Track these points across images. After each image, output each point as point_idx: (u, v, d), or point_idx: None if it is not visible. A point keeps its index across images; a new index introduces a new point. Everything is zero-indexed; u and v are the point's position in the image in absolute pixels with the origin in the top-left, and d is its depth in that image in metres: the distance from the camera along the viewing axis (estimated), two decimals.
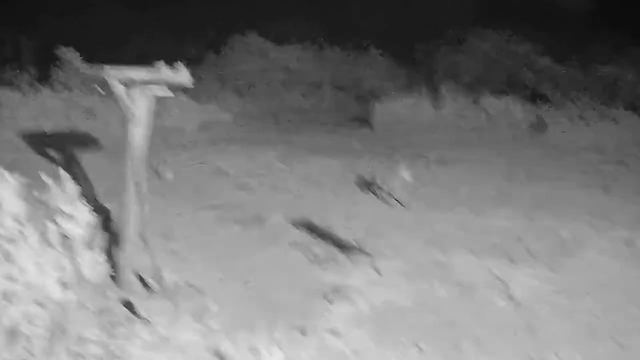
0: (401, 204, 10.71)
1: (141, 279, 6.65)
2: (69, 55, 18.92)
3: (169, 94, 6.74)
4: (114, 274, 6.33)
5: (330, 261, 7.68)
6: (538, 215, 10.33)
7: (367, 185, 11.94)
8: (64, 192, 5.02)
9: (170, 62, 6.53)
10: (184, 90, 12.52)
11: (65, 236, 4.68)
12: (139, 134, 6.38)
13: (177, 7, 29.67)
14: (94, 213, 5.29)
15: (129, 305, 5.81)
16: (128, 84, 6.24)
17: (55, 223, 4.68)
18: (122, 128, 6.50)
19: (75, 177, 7.56)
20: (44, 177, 5.12)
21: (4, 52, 32.29)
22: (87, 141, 14.91)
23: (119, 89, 6.13)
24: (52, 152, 13.26)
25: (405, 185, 10.59)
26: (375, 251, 8.15)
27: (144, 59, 6.65)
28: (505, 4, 29.31)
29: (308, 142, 18.34)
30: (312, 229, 9.18)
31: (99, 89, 8.02)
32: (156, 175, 12.41)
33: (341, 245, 8.32)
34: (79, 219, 4.83)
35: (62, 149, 13.40)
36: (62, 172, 5.42)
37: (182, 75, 6.29)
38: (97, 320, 5.33)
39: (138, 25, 29.32)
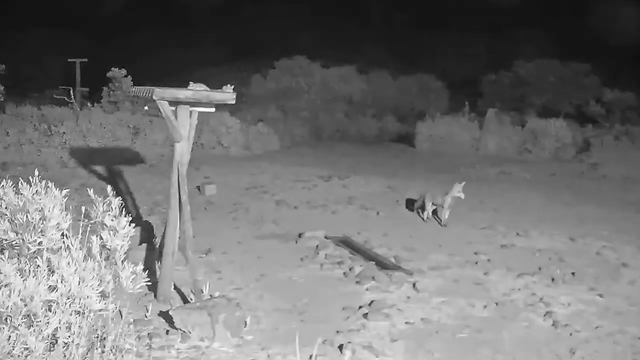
0: (442, 223, 10.67)
1: (179, 292, 6.75)
2: (119, 75, 19.52)
3: (211, 109, 6.91)
4: (153, 286, 6.43)
5: (368, 278, 7.60)
6: (582, 236, 10.12)
7: (409, 204, 11.97)
8: (108, 207, 5.13)
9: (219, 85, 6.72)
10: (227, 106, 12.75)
11: (107, 248, 4.76)
12: (183, 151, 6.50)
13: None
14: (137, 227, 5.38)
15: (166, 316, 5.87)
16: (175, 103, 6.41)
17: (98, 236, 4.76)
18: (168, 146, 6.64)
19: (120, 193, 7.72)
20: (90, 192, 5.26)
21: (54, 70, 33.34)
22: (133, 158, 15.35)
23: (166, 109, 6.25)
24: (99, 168, 13.68)
25: (450, 204, 10.57)
26: (414, 269, 8.06)
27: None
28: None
29: (349, 160, 18.55)
30: (350, 245, 9.18)
31: (145, 107, 8.19)
32: (198, 191, 12.76)
33: (380, 262, 8.27)
34: (121, 232, 4.89)
35: (108, 165, 13.82)
36: (108, 188, 5.56)
37: (227, 94, 6.42)
38: (135, 330, 5.40)
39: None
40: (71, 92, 20.72)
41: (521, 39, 38.23)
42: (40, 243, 4.45)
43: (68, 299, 4.04)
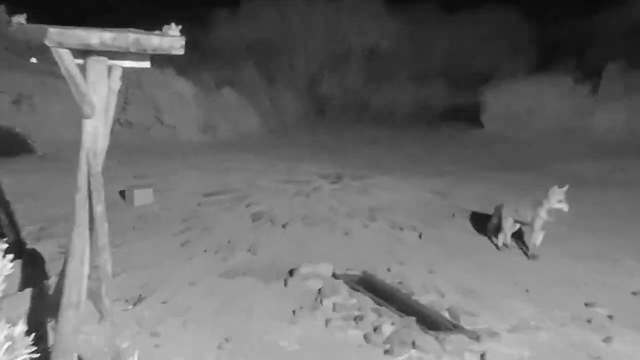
0: (529, 253, 10.66)
1: None
2: None
3: (145, 64, 6.67)
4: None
5: (405, 345, 7.37)
6: None
7: (476, 221, 12.07)
8: None
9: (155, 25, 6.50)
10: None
11: None
12: (97, 133, 6.26)
13: None
14: (16, 260, 5.07)
15: None
16: (83, 53, 6.15)
17: None
18: (72, 125, 6.37)
19: None
20: None
21: None
22: (13, 145, 15.07)
23: (69, 62, 5.97)
24: None
25: (544, 223, 10.48)
26: (482, 330, 7.87)
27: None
28: None
29: (371, 149, 18.35)
30: (374, 289, 9.00)
31: (32, 60, 7.92)
32: (122, 199, 12.59)
33: (424, 318, 8.06)
34: None
35: None
36: None
37: (170, 40, 6.19)
38: None
39: None
40: None
41: None
42: None
43: None
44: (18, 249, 8.68)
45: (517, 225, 10.94)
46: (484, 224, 11.59)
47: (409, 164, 17.04)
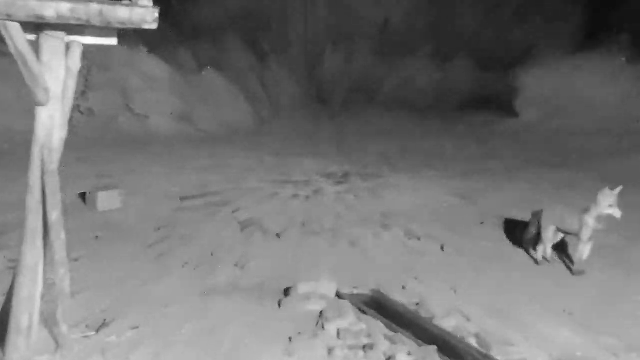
0: (574, 268, 10.57)
1: None
2: None
3: (111, 41, 6.69)
4: None
5: None
6: None
7: (510, 230, 12.03)
8: None
9: None
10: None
11: None
12: (53, 124, 6.29)
13: None
14: None
15: None
16: (36, 28, 6.19)
17: None
18: (21, 114, 6.37)
19: None
20: None
21: None
22: None
23: (18, 38, 5.98)
24: None
25: (593, 233, 10.35)
26: (515, 356, 7.83)
27: None
28: None
29: (383, 143, 18.35)
30: (387, 311, 8.98)
31: None
32: (83, 203, 12.60)
33: (447, 347, 8.02)
34: None
35: None
36: None
37: (141, 11, 6.20)
38: None
39: None
40: None
41: None
42: None
43: None
44: None
45: (560, 235, 10.85)
46: (520, 233, 11.50)
47: (429, 161, 17.03)
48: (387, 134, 20.99)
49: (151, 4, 6.36)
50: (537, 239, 10.97)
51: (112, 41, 6.74)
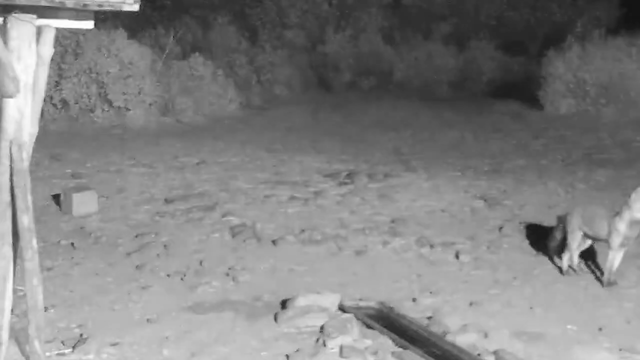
0: (604, 279, 10.54)
1: None
2: None
3: (87, 24, 6.84)
4: None
5: None
6: None
7: (535, 236, 11.98)
8: None
9: None
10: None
11: None
12: (23, 117, 6.45)
13: None
14: None
15: None
16: (4, 9, 6.26)
17: None
18: None
19: None
20: None
21: None
22: None
23: None
24: None
25: (626, 239, 10.29)
26: None
27: None
28: None
29: (394, 137, 18.20)
30: (396, 327, 9.03)
31: None
32: (57, 207, 12.63)
33: None
34: None
35: None
36: None
37: None
38: None
39: None
40: None
41: None
42: None
43: None
44: None
45: (588, 242, 10.87)
46: (545, 240, 11.53)
47: (447, 157, 16.89)
48: (399, 126, 20.80)
49: None
50: (563, 245, 10.95)
51: (89, 24, 6.81)
